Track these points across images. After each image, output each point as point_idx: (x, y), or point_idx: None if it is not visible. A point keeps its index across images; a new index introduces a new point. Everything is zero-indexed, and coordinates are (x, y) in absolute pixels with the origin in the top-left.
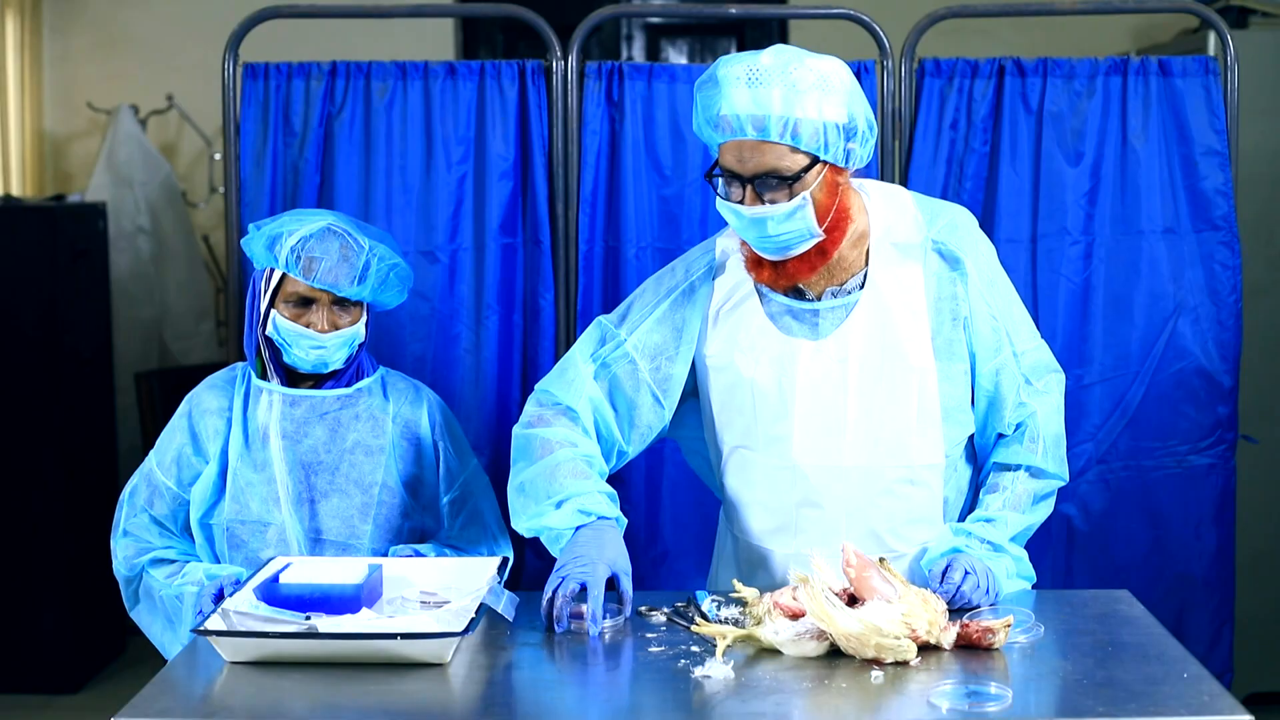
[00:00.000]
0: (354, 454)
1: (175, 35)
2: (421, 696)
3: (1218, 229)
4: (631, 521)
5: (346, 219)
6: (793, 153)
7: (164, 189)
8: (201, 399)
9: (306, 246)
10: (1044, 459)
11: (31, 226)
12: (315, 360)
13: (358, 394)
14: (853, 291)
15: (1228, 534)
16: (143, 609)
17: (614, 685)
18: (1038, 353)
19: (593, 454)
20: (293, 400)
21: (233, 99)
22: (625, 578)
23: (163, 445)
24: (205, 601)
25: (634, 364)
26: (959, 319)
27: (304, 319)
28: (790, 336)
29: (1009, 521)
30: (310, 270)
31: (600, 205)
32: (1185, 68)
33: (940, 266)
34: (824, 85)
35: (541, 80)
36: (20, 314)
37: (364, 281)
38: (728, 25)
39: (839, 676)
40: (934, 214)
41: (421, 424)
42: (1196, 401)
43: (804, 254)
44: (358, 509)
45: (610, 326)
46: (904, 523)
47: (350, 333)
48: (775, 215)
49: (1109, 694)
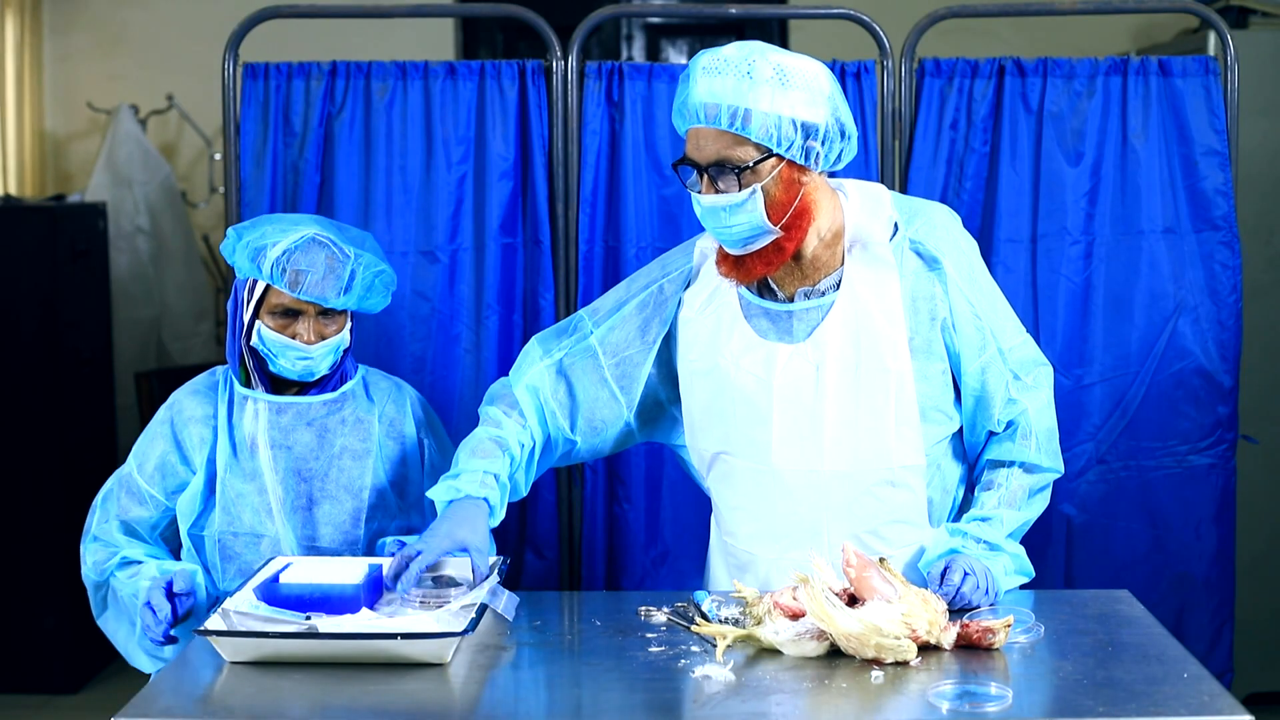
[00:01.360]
0: (342, 459)
1: (175, 35)
2: (421, 696)
3: (1218, 229)
4: (631, 521)
5: (330, 226)
6: (742, 143)
7: (164, 189)
8: (184, 406)
9: (292, 259)
10: (1037, 454)
11: (31, 226)
12: (302, 370)
13: (343, 398)
14: (827, 293)
15: (1228, 534)
16: (110, 616)
17: (614, 685)
18: (1024, 348)
19: (507, 436)
20: (279, 408)
21: (233, 99)
22: (476, 554)
23: (143, 451)
24: (156, 595)
25: (595, 358)
26: (937, 319)
27: (290, 330)
28: (766, 340)
29: (1005, 519)
30: (297, 283)
31: (600, 205)
32: (1185, 68)
33: (917, 265)
34: (782, 79)
35: (541, 80)
36: (20, 314)
37: (350, 291)
38: (728, 25)
39: (839, 676)
40: (912, 214)
41: (406, 422)
42: (1196, 401)
43: (761, 250)
44: (350, 515)
45: (584, 318)
46: (886, 523)
47: (336, 341)
48: (726, 205)
49: (1109, 694)
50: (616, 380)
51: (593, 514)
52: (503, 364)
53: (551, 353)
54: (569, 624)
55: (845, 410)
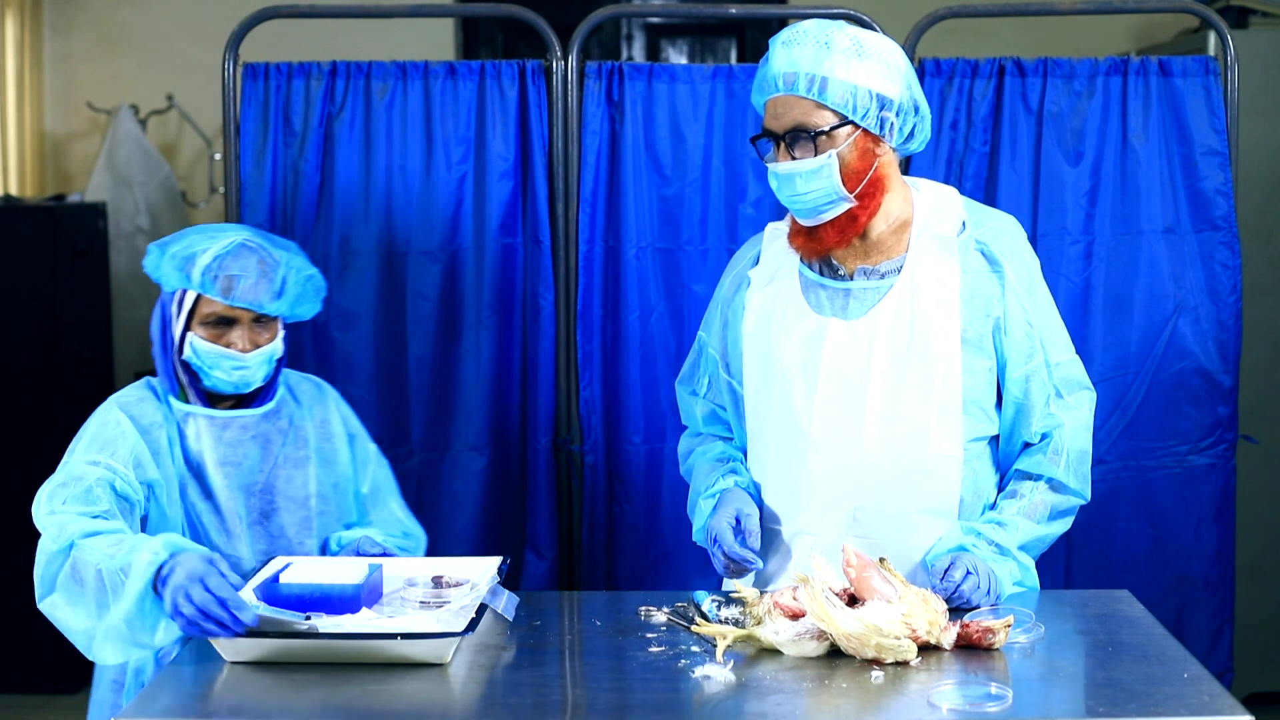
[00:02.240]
0: (285, 468)
1: (175, 35)
2: (421, 696)
3: (1218, 229)
4: (631, 521)
5: (258, 233)
6: (819, 108)
7: (164, 189)
8: (135, 412)
9: (223, 265)
10: (1065, 473)
11: (31, 226)
12: (238, 381)
13: (279, 406)
14: (887, 275)
15: (1228, 534)
16: (60, 598)
17: (614, 685)
18: (1071, 367)
19: (711, 454)
20: (223, 423)
21: (233, 99)
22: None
23: (106, 444)
24: (214, 576)
25: (717, 370)
26: (990, 316)
27: (224, 340)
28: (821, 315)
29: (1020, 528)
30: (230, 289)
31: (600, 205)
32: (1185, 68)
33: (980, 264)
34: (859, 51)
35: (541, 80)
36: (20, 314)
37: (283, 296)
38: (728, 25)
39: (839, 676)
40: (982, 217)
41: (333, 420)
42: (1196, 401)
43: (835, 220)
44: (299, 524)
45: (700, 335)
46: (917, 511)
47: (270, 349)
48: (802, 171)
49: (1109, 694)
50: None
51: (593, 514)
52: (502, 364)
53: (702, 389)
54: (569, 624)
55: (889, 391)
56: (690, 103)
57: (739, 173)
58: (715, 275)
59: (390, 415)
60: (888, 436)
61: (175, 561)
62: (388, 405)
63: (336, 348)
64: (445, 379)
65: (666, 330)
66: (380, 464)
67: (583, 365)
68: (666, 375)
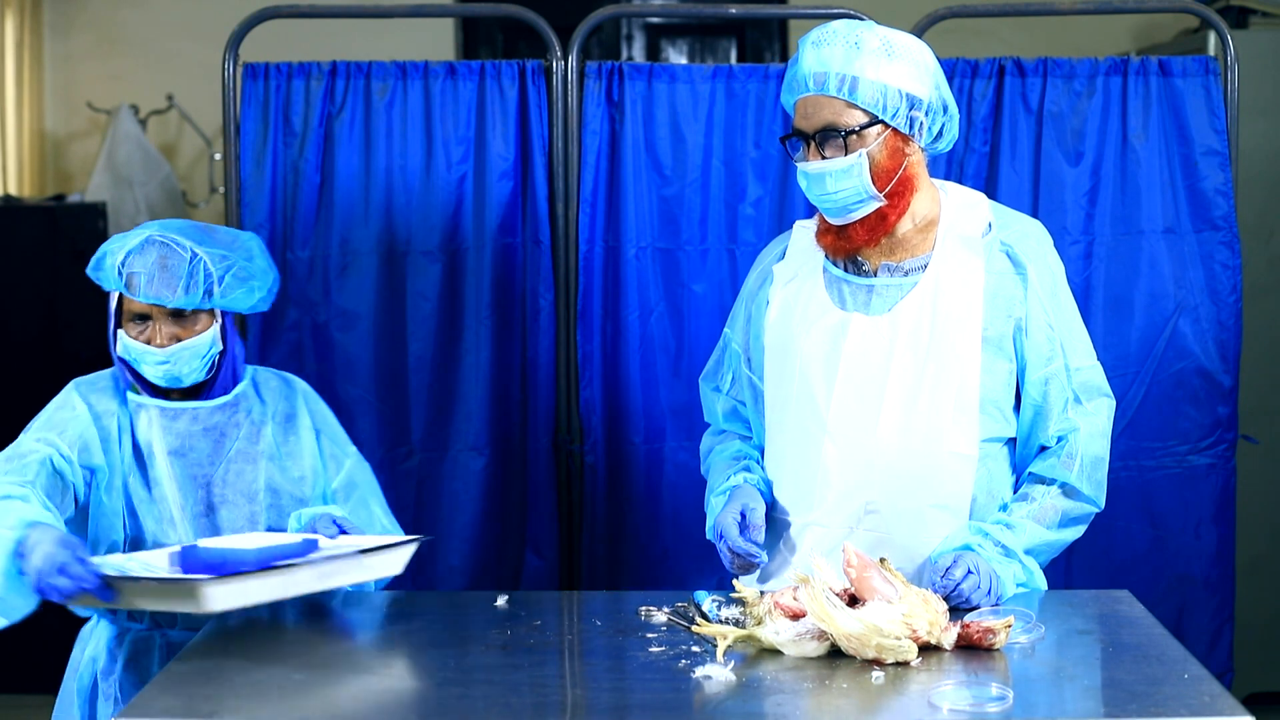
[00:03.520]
0: (237, 462)
1: (175, 35)
2: (421, 697)
3: (1218, 229)
4: (631, 521)
5: (182, 227)
6: (850, 108)
7: (164, 189)
8: (93, 398)
9: (128, 262)
10: (1079, 478)
11: (31, 226)
12: (164, 376)
13: (237, 400)
14: (911, 273)
15: (1228, 534)
16: None
17: (614, 685)
18: (1091, 373)
19: (728, 451)
20: (174, 414)
21: (233, 99)
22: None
23: (56, 424)
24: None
25: (740, 365)
26: (1012, 317)
27: (144, 336)
28: (843, 310)
29: (1029, 531)
30: (133, 286)
31: (600, 205)
32: (1185, 68)
33: (1004, 265)
34: (889, 51)
35: (541, 80)
36: (20, 314)
37: (192, 290)
38: (728, 25)
39: (839, 677)
40: (1008, 220)
41: (299, 418)
42: (1196, 401)
43: (865, 219)
44: (246, 518)
45: (725, 332)
46: (929, 506)
47: (197, 344)
48: (832, 171)
49: (1109, 694)
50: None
51: (593, 514)
52: (502, 364)
53: (726, 385)
54: (569, 624)
55: (908, 386)
56: (690, 103)
57: (739, 173)
58: (715, 275)
59: (390, 415)
60: (904, 431)
61: (30, 543)
62: (387, 405)
63: (336, 348)
64: (445, 379)
65: (666, 330)
66: (360, 465)
67: (583, 365)
68: (666, 375)
